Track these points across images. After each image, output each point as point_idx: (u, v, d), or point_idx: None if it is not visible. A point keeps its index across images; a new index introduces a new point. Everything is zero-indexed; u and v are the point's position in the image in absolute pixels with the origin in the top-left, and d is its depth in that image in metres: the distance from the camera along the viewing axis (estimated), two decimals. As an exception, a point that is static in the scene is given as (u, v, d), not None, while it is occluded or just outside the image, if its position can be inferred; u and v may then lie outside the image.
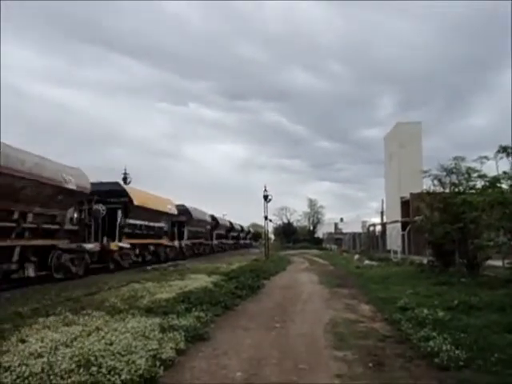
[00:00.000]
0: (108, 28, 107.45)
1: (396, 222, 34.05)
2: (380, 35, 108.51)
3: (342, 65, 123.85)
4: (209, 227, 40.85)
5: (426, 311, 7.86)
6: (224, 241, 50.75)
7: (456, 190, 15.21)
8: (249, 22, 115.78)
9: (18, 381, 4.13)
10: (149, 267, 21.19)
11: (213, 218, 42.83)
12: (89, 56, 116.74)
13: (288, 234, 79.46)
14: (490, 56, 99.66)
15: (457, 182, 15.31)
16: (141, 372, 4.58)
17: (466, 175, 14.93)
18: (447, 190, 15.75)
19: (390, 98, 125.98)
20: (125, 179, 48.21)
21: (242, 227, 67.54)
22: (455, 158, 15.28)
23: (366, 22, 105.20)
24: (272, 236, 79.78)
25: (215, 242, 44.54)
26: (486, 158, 13.75)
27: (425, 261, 18.71)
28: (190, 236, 34.11)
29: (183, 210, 32.11)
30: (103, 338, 5.77)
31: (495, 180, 12.52)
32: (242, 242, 67.15)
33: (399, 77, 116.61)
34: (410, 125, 41.21)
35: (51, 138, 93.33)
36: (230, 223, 55.53)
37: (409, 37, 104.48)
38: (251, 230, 78.42)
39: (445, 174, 15.69)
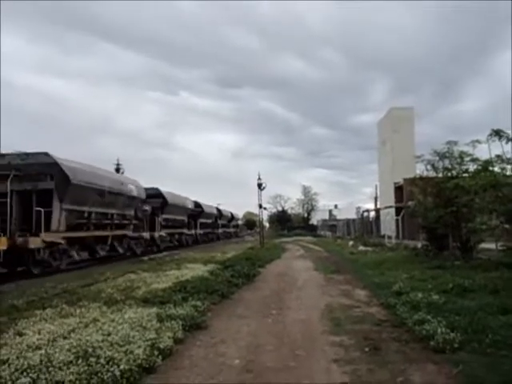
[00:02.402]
0: (97, 16, 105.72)
1: (390, 207, 34.19)
2: (373, 22, 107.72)
3: (335, 52, 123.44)
4: (190, 215, 36.81)
5: (420, 295, 7.94)
6: (211, 230, 47.25)
7: (449, 174, 15.26)
8: (241, 10, 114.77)
9: (16, 373, 4.13)
10: (145, 257, 21.22)
11: (196, 204, 39.23)
12: (77, 44, 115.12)
13: (282, 221, 79.72)
14: (480, 41, 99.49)
15: (450, 166, 15.35)
16: (139, 362, 4.61)
17: (459, 159, 14.97)
18: (440, 175, 15.80)
19: (383, 84, 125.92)
20: (117, 170, 48.03)
21: (232, 215, 63.89)
22: (448, 143, 15.30)
23: (359, 10, 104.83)
24: (267, 224, 79.97)
25: (200, 231, 40.94)
26: (478, 141, 13.79)
27: (419, 245, 18.87)
28: (165, 225, 29.77)
29: (156, 194, 27.96)
30: (101, 328, 5.79)
31: (488, 163, 12.56)
32: (231, 230, 64.30)
33: (392, 63, 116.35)
34: (402, 110, 41.21)
35: (40, 128, 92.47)
36: (218, 210, 51.78)
37: (401, 24, 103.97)
38: (236, 216, 72.00)
39: (438, 158, 15.72)
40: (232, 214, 63.81)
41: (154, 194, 27.55)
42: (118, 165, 50.70)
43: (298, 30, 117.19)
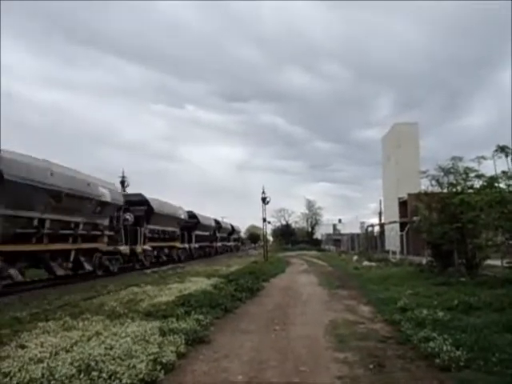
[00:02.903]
0: (102, 30, 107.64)
1: (394, 222, 34.07)
2: (376, 36, 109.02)
3: (339, 65, 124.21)
4: (183, 226, 31.66)
5: (425, 312, 7.87)
6: (208, 244, 41.79)
7: (454, 189, 15.21)
8: (245, 24, 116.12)
9: (18, 386, 4.11)
10: (148, 271, 21.17)
11: (191, 214, 34.46)
12: (83, 58, 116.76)
13: (286, 235, 79.49)
14: (486, 55, 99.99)
15: (454, 181, 15.31)
16: (141, 376, 4.57)
17: (464, 175, 14.93)
18: (445, 190, 15.75)
19: (388, 98, 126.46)
20: (122, 182, 48.14)
21: (232, 228, 58.78)
22: (453, 158, 15.29)
23: (362, 23, 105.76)
24: (271, 238, 79.76)
25: (195, 245, 35.65)
26: (483, 157, 13.77)
27: (424, 261, 18.74)
28: (151, 237, 25.50)
29: (140, 201, 24.02)
30: (103, 342, 5.76)
31: (493, 179, 12.54)
32: (232, 244, 58.45)
33: (396, 77, 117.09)
34: (406, 125, 41.30)
35: (47, 140, 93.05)
36: (217, 222, 46.17)
37: (404, 37, 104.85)
38: (237, 229, 66.06)
39: (442, 174, 15.70)
40: (233, 227, 59.33)
41: (138, 201, 23.61)
42: (123, 177, 50.63)
43: (302, 44, 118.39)
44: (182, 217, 31.04)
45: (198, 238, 36.90)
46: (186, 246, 33.08)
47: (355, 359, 5.70)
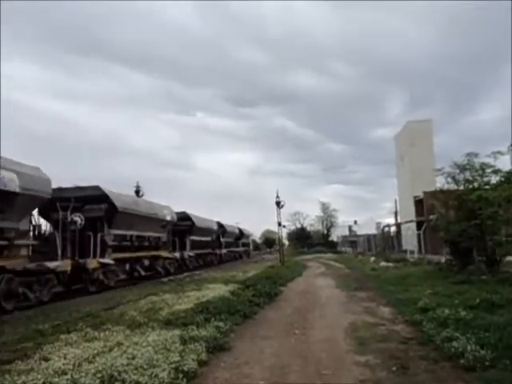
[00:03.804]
0: (108, 40, 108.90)
1: (411, 221, 33.73)
2: (385, 34, 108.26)
3: (349, 65, 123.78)
4: (161, 231, 24.94)
5: (447, 311, 7.77)
6: (210, 251, 36.76)
7: (470, 186, 15.05)
8: (250, 27, 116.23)
9: (43, 399, 4.15)
10: (165, 279, 21.30)
11: (182, 216, 29.35)
12: (90, 69, 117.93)
13: (302, 238, 79.19)
14: (498, 49, 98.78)
15: (471, 178, 15.15)
16: (164, 385, 4.59)
17: (480, 171, 14.79)
18: (461, 187, 15.58)
19: (399, 96, 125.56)
20: (137, 192, 48.56)
21: (241, 231, 53.49)
22: (468, 155, 15.13)
23: (370, 21, 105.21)
24: (286, 242, 79.51)
25: (189, 253, 30.49)
26: (499, 152, 13.64)
27: (442, 260, 18.54)
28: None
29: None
30: (125, 352, 5.80)
31: (510, 174, 12.36)
32: (240, 250, 52.94)
33: (407, 75, 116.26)
34: (420, 123, 40.88)
35: (58, 152, 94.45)
36: (220, 226, 40.86)
37: (414, 34, 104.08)
38: (247, 233, 61.46)
39: (458, 170, 15.54)
40: (241, 231, 53.92)
41: (93, 197, 19.45)
42: (137, 187, 51.04)
43: (309, 45, 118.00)
44: (168, 218, 25.04)
45: (194, 245, 31.34)
46: (176, 254, 26.99)
47: (377, 362, 5.65)
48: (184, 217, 29.69)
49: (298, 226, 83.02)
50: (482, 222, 14.05)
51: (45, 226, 16.52)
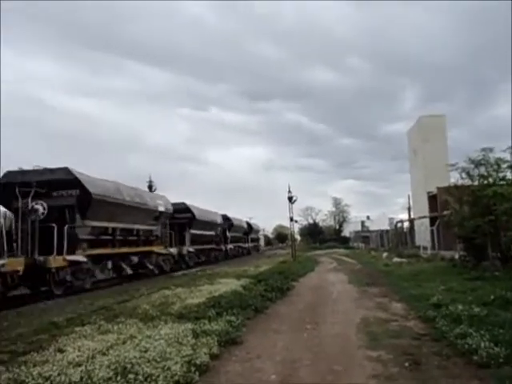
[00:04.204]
0: (123, 36, 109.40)
1: (424, 217, 33.41)
2: (400, 27, 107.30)
3: (364, 60, 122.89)
4: (153, 223, 21.87)
5: (460, 307, 7.69)
6: (215, 246, 34.38)
7: (485, 182, 14.85)
8: (266, 21, 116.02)
9: (58, 390, 4.22)
10: (178, 273, 21.45)
11: (179, 208, 26.27)
12: (108, 66, 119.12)
13: (314, 234, 79.04)
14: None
15: (486, 173, 14.94)
16: (177, 378, 4.63)
17: (496, 166, 14.58)
18: (476, 183, 15.38)
19: (413, 91, 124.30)
20: (150, 187, 48.86)
21: (250, 226, 50.37)
22: (483, 150, 14.93)
23: (385, 15, 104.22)
24: (298, 237, 79.37)
25: (190, 248, 27.50)
26: (515, 147, 13.41)
27: (456, 256, 18.34)
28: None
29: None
30: (138, 345, 5.86)
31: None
32: (248, 245, 49.38)
33: (421, 69, 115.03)
34: (433, 118, 40.38)
35: (74, 147, 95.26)
36: (227, 219, 38.84)
37: (429, 28, 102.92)
38: (256, 227, 57.92)
39: (473, 166, 15.33)
40: (250, 225, 51.46)
41: (59, 182, 19.42)
42: (150, 181, 51.31)
43: (323, 40, 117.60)
44: (161, 209, 22.12)
45: (195, 239, 28.77)
46: (173, 250, 24.02)
47: (389, 357, 5.62)
48: (183, 208, 27.09)
49: (310, 221, 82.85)
50: (496, 218, 13.88)
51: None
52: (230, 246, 39.46)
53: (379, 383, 4.70)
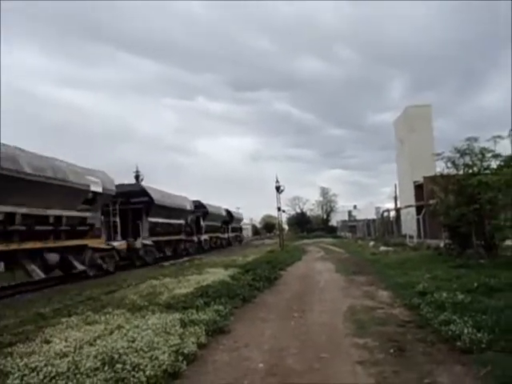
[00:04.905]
0: (112, 26, 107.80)
1: (410, 206, 33.76)
2: (388, 17, 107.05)
3: (351, 49, 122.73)
4: (90, 210, 16.76)
5: (445, 295, 7.81)
6: (185, 238, 29.09)
7: (470, 171, 15.02)
8: (253, 12, 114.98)
9: (45, 381, 4.21)
10: (166, 263, 21.39)
11: (135, 190, 22.62)
12: (94, 55, 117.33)
13: (302, 223, 79.44)
14: (499, 34, 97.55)
15: (471, 163, 15.10)
16: (164, 367, 4.65)
17: (480, 156, 14.73)
18: (461, 172, 15.55)
19: (401, 81, 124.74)
20: (137, 177, 48.39)
21: (230, 214, 45.58)
22: (468, 139, 15.05)
23: (374, 5, 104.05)
24: (286, 226, 79.68)
25: (147, 241, 22.31)
26: (499, 137, 13.58)
27: (441, 244, 18.60)
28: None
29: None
30: (125, 335, 5.85)
31: (510, 159, 12.33)
32: (228, 236, 45.17)
33: (408, 59, 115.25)
34: (419, 108, 40.63)
35: (62, 138, 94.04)
36: (201, 206, 34.14)
37: (417, 18, 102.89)
38: (238, 216, 53.36)
39: (458, 155, 15.48)
40: (230, 213, 46.25)
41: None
42: (137, 172, 50.79)
43: (312, 30, 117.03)
44: (97, 189, 16.54)
45: (155, 229, 23.72)
46: (117, 243, 18.86)
47: (375, 344, 5.71)
48: (137, 191, 22.36)
49: (298, 210, 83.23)
50: (481, 207, 14.06)
51: None
52: (204, 236, 34.52)
53: (365, 369, 4.77)
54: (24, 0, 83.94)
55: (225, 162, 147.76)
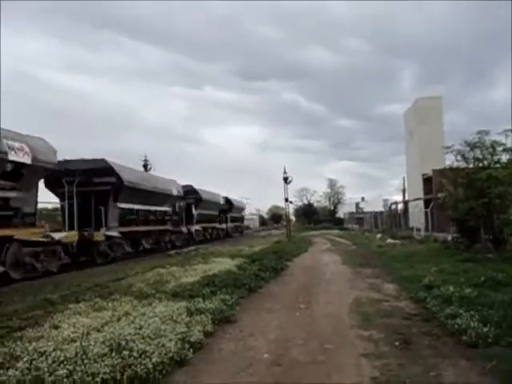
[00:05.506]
0: (121, 13, 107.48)
1: (418, 199, 33.54)
2: (398, 8, 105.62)
3: (362, 40, 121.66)
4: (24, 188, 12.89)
5: (451, 288, 7.78)
6: (167, 227, 24.89)
7: (480, 164, 14.87)
8: (262, 1, 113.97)
9: (54, 365, 4.26)
10: (172, 252, 21.49)
11: (96, 168, 17.51)
12: (102, 42, 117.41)
13: (309, 215, 79.37)
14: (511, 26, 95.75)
15: (481, 156, 14.95)
16: (171, 355, 4.69)
17: (491, 149, 14.57)
18: (471, 165, 15.41)
19: (410, 72, 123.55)
20: (145, 166, 48.47)
21: (229, 202, 41.80)
22: (479, 132, 14.89)
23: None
24: (293, 217, 79.66)
25: (113, 232, 18.20)
26: (511, 130, 13.39)
27: (449, 238, 18.50)
28: None
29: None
30: (133, 322, 5.91)
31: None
32: (227, 226, 41.35)
33: (419, 50, 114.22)
34: (429, 100, 40.15)
35: (69, 125, 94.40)
36: (193, 191, 30.41)
37: (428, 9, 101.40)
38: (239, 205, 49.51)
39: (468, 148, 15.32)
40: (230, 202, 42.03)
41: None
42: (145, 161, 50.77)
43: (321, 20, 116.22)
44: (21, 159, 12.37)
45: (125, 218, 19.69)
46: (62, 235, 14.44)
47: (380, 336, 5.71)
48: (100, 169, 17.68)
49: (305, 202, 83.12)
50: (490, 201, 13.95)
51: None
52: (196, 227, 30.50)
53: (370, 361, 4.78)
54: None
55: (233, 152, 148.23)
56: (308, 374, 4.50)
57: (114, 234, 18.31)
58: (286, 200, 32.62)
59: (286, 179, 31.21)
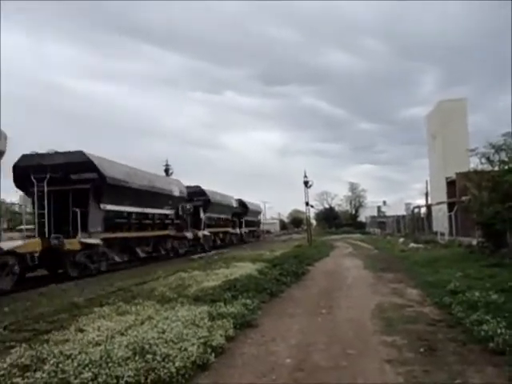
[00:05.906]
0: (141, 20, 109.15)
1: (442, 203, 32.99)
2: (419, 9, 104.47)
3: (382, 42, 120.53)
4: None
5: (477, 294, 7.62)
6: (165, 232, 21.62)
7: (506, 167, 14.56)
8: (280, 5, 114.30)
9: (79, 368, 4.34)
10: (194, 256, 21.59)
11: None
12: (123, 49, 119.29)
13: (330, 219, 78.81)
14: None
15: (507, 159, 14.64)
16: (193, 359, 4.73)
17: (517, 152, 14.26)
18: (496, 168, 15.10)
19: (433, 74, 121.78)
20: (166, 171, 49.01)
21: (244, 205, 39.01)
22: (504, 135, 14.60)
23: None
24: (314, 221, 79.23)
25: (91, 240, 15.23)
26: (537, 133, 13.09)
27: (474, 242, 18.12)
28: None
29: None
30: (156, 326, 5.98)
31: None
32: (242, 231, 37.93)
33: (440, 52, 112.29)
34: (453, 102, 39.53)
35: (91, 131, 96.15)
36: (200, 192, 28.46)
37: (448, 9, 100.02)
38: (255, 209, 45.78)
39: (493, 151, 15.03)
40: (244, 205, 38.94)
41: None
42: (166, 165, 51.42)
43: (340, 23, 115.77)
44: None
45: (112, 221, 17.11)
46: (15, 244, 12.39)
47: (404, 342, 5.63)
48: (78, 164, 15.14)
49: (326, 205, 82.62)
50: (516, 205, 13.63)
51: None
52: (204, 232, 27.64)
53: (394, 368, 4.72)
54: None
55: (253, 156, 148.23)
56: (330, 380, 4.47)
57: (95, 241, 15.20)
58: (307, 204, 32.47)
59: (306, 183, 31.10)
